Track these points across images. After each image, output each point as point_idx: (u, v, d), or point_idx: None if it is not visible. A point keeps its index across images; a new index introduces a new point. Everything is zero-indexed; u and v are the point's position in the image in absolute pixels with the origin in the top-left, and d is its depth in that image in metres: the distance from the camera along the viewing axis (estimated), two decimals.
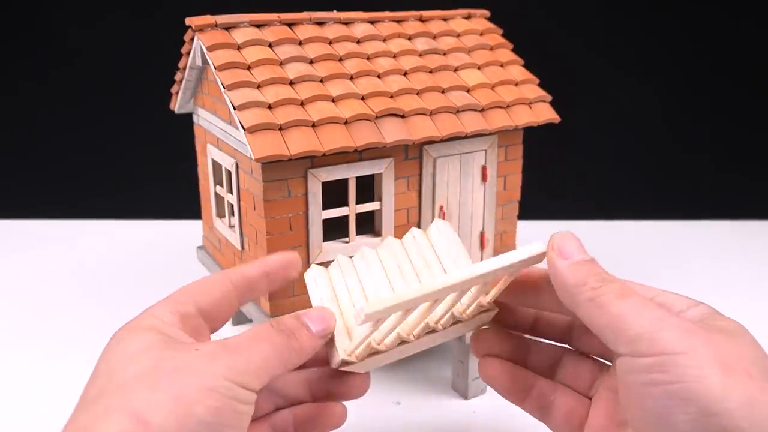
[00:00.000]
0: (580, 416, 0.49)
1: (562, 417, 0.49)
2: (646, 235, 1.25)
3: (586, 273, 0.43)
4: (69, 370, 0.79)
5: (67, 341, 0.85)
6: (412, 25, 0.82)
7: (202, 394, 0.38)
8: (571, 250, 0.44)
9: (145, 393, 0.38)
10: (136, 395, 0.38)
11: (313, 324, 0.46)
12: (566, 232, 0.46)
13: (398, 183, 0.74)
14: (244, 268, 0.49)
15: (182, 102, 0.85)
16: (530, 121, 0.79)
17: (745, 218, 1.32)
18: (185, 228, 1.22)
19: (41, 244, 1.18)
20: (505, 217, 0.84)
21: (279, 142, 0.65)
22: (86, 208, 1.30)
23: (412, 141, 0.71)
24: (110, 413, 0.37)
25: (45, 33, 1.24)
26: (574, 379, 0.51)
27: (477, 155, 0.78)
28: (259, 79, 0.68)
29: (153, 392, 0.38)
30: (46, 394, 0.74)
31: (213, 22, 0.72)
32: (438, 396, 0.74)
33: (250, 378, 0.40)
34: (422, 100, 0.74)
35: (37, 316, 0.92)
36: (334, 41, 0.76)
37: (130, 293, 0.99)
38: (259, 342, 0.43)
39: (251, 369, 0.41)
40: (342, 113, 0.69)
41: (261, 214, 0.69)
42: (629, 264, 1.10)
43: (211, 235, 0.87)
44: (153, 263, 1.09)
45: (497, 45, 0.85)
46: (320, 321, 0.46)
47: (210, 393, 0.38)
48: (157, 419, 0.36)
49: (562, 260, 0.44)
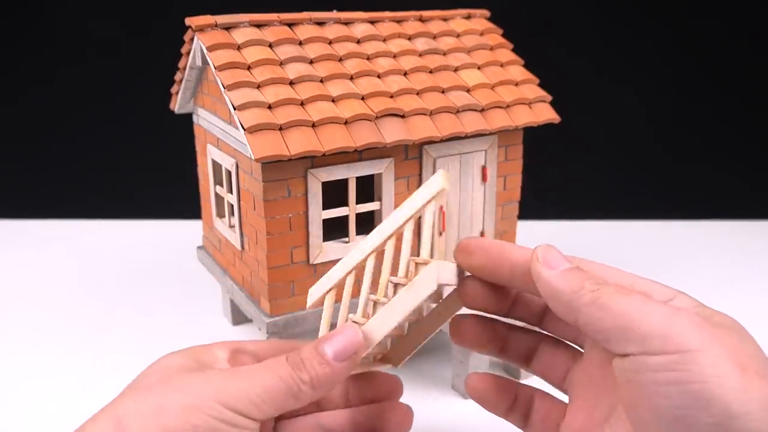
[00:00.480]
0: (556, 419, 0.48)
1: (539, 422, 0.49)
2: (646, 235, 1.25)
3: (581, 278, 0.42)
4: (69, 370, 0.79)
5: (67, 341, 0.85)
6: (412, 25, 0.82)
7: (184, 410, 0.39)
8: (557, 261, 0.43)
9: (133, 402, 0.40)
10: (125, 403, 0.40)
11: (330, 347, 0.43)
12: (546, 245, 0.44)
13: (398, 183, 0.74)
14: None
15: (182, 102, 0.85)
16: (530, 121, 0.79)
17: (745, 218, 1.32)
18: (185, 228, 1.22)
19: (41, 244, 1.18)
20: (505, 217, 0.84)
21: (279, 142, 0.65)
22: (86, 208, 1.30)
23: (412, 141, 0.71)
24: (99, 416, 0.40)
25: (45, 33, 1.24)
26: (548, 370, 0.50)
27: (477, 155, 0.78)
28: (259, 79, 0.68)
29: (140, 402, 0.40)
30: (46, 395, 0.74)
31: (213, 22, 0.72)
32: (438, 396, 0.74)
33: (245, 405, 0.40)
34: (422, 100, 0.74)
35: (37, 316, 0.92)
36: (334, 41, 0.76)
37: (130, 293, 0.99)
38: (265, 371, 0.42)
39: (248, 396, 0.41)
40: (342, 113, 0.69)
41: (261, 214, 0.69)
42: (629, 264, 1.10)
43: (211, 235, 0.87)
44: (153, 263, 1.09)
45: (497, 45, 0.85)
46: (337, 342, 0.43)
47: (192, 411, 0.39)
48: (133, 426, 0.39)
49: (550, 270, 0.42)
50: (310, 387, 0.42)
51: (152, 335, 0.87)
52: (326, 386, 0.42)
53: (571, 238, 1.23)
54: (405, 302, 0.45)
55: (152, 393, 0.41)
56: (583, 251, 1.17)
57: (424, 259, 0.45)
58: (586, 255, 0.48)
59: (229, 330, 0.88)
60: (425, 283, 0.44)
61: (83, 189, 1.30)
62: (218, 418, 0.40)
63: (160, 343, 0.85)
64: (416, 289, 0.44)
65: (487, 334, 0.50)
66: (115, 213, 1.31)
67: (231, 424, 0.40)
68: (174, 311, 0.93)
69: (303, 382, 0.42)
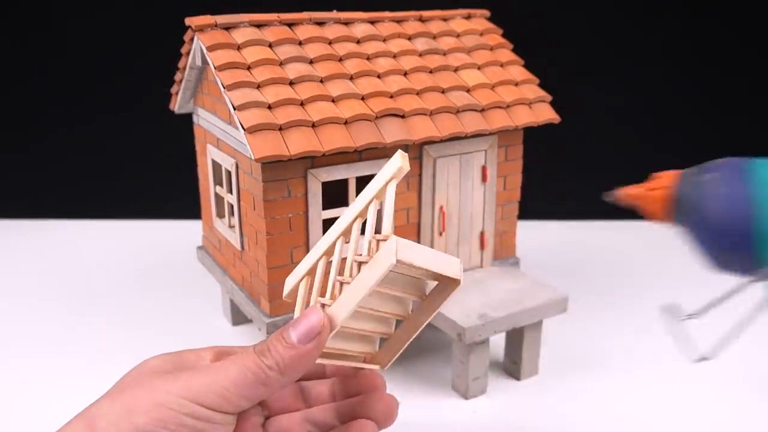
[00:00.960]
0: None
1: None
2: (646, 235, 1.25)
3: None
4: (69, 370, 0.79)
5: (67, 341, 0.85)
6: (412, 25, 0.82)
7: (149, 407, 0.40)
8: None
9: (106, 402, 0.42)
10: (97, 405, 0.42)
11: (294, 331, 0.43)
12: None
13: (398, 183, 0.74)
14: None
15: (182, 102, 0.85)
16: (530, 121, 0.79)
17: None
18: (185, 228, 1.21)
19: (41, 244, 1.18)
20: (505, 217, 0.84)
21: (279, 142, 0.65)
22: (86, 208, 1.30)
23: (412, 141, 0.71)
24: (73, 420, 0.41)
25: (45, 33, 1.24)
26: None
27: (477, 155, 0.78)
28: (259, 79, 0.68)
29: (111, 402, 0.41)
30: (46, 395, 0.74)
31: (213, 22, 0.72)
32: (438, 396, 0.74)
33: (212, 398, 0.41)
34: (422, 100, 0.74)
35: (37, 316, 0.92)
36: (334, 41, 0.76)
37: (130, 293, 0.99)
38: (231, 364, 0.42)
39: (215, 389, 0.41)
40: (342, 113, 0.69)
41: (261, 214, 0.69)
42: (629, 264, 1.10)
43: (211, 235, 0.87)
44: (153, 263, 1.09)
45: (497, 45, 0.85)
46: (301, 326, 0.43)
47: (157, 407, 0.40)
48: (102, 425, 0.40)
49: None
50: (278, 372, 0.42)
51: (152, 335, 0.87)
52: (294, 370, 0.43)
53: (571, 238, 1.23)
54: (368, 279, 0.45)
55: (123, 394, 0.42)
56: (584, 251, 1.17)
57: (384, 236, 0.45)
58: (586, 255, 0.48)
59: (229, 330, 0.88)
60: (386, 256, 0.44)
61: (83, 189, 1.30)
62: (186, 413, 0.40)
63: (159, 343, 0.85)
64: (378, 264, 0.45)
65: None
66: (115, 213, 1.30)
67: (200, 418, 0.40)
68: (174, 311, 0.93)
69: (269, 368, 0.42)
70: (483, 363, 0.73)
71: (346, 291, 0.45)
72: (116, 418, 0.40)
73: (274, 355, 0.42)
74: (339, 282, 0.46)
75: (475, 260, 0.83)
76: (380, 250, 0.45)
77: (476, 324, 0.69)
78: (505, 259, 0.85)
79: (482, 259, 0.83)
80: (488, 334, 0.70)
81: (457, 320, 0.70)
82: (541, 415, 0.71)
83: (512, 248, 0.86)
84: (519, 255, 0.88)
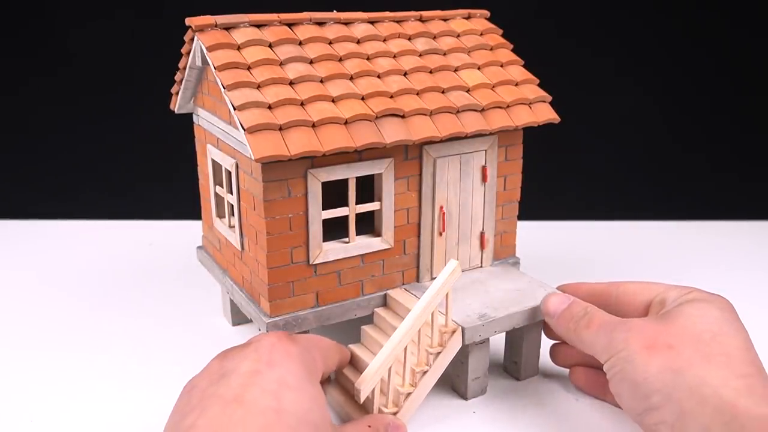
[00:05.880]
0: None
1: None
2: (646, 235, 1.25)
3: (566, 321, 0.65)
4: (67, 370, 0.79)
5: (66, 341, 0.85)
6: (412, 26, 0.82)
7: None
8: (556, 306, 0.67)
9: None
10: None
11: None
12: (548, 295, 0.69)
13: (398, 183, 0.74)
14: None
15: (182, 102, 0.85)
16: (530, 121, 0.79)
17: (745, 218, 1.32)
18: (185, 228, 1.22)
19: (41, 244, 1.18)
20: (505, 217, 0.84)
21: (279, 143, 0.65)
22: (86, 208, 1.30)
23: (412, 141, 0.71)
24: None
25: (45, 33, 1.24)
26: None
27: (477, 155, 0.78)
28: (259, 79, 0.68)
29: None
30: (45, 395, 0.74)
31: (213, 22, 0.72)
32: (438, 396, 0.74)
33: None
34: (422, 101, 0.74)
35: (36, 316, 0.92)
36: (334, 41, 0.76)
37: (130, 293, 0.99)
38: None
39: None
40: (342, 113, 0.69)
41: (261, 214, 0.69)
42: (629, 264, 1.10)
43: (211, 235, 0.87)
44: (153, 263, 1.09)
45: (497, 45, 0.85)
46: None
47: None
48: None
49: (552, 319, 0.68)
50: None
51: (152, 335, 0.87)
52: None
53: (571, 238, 1.23)
54: (442, 365, 0.67)
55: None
56: (584, 251, 1.17)
57: (452, 328, 0.67)
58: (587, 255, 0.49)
59: (229, 330, 0.88)
60: (456, 344, 0.67)
61: (83, 189, 1.30)
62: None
63: (159, 343, 0.85)
64: (452, 351, 0.67)
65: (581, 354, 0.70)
66: (115, 213, 1.31)
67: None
68: (174, 311, 0.93)
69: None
70: (483, 363, 0.73)
71: (424, 380, 0.66)
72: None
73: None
74: (421, 372, 0.66)
75: (475, 260, 0.83)
76: (453, 339, 0.67)
77: (476, 324, 0.69)
78: (505, 259, 0.85)
79: (482, 259, 0.83)
80: (488, 334, 0.70)
81: (457, 320, 0.70)
82: (541, 415, 0.71)
83: (512, 248, 0.86)
84: (519, 255, 0.88)
